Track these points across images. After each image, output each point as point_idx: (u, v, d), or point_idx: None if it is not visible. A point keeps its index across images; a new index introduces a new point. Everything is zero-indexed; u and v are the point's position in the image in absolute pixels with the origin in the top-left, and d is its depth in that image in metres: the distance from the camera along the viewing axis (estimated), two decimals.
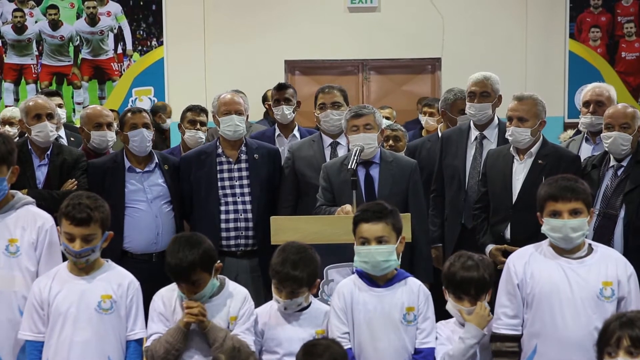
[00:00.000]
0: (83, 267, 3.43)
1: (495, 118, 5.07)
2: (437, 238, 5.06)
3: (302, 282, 3.47)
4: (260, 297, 4.51)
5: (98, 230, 3.39)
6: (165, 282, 3.69)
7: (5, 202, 3.60)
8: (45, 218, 3.67)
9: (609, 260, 3.36)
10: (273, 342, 3.55)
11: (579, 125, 5.92)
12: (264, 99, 7.87)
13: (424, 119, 7.01)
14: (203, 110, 5.85)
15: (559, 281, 3.31)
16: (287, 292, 3.48)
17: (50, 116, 4.88)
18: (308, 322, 3.55)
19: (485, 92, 4.99)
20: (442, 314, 3.65)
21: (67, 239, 3.38)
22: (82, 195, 3.46)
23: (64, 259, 3.56)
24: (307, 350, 3.29)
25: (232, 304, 3.51)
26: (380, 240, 3.43)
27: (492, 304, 3.54)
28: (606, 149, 4.51)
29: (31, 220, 3.62)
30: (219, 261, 3.54)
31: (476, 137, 5.03)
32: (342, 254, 3.88)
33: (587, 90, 5.17)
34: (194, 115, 5.80)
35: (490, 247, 4.59)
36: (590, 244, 3.42)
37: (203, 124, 5.81)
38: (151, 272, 4.50)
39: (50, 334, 3.40)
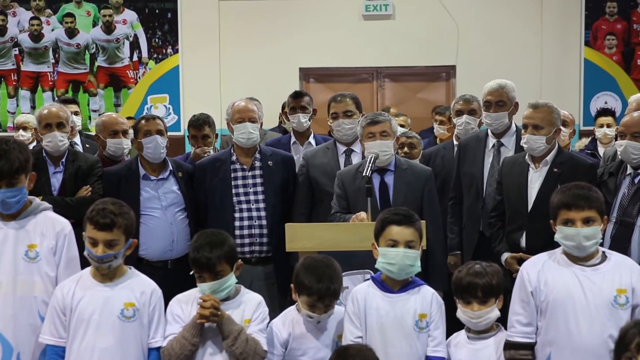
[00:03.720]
0: (106, 273, 3.45)
1: (513, 125, 5.05)
2: (456, 245, 5.04)
3: (338, 293, 3.55)
4: (275, 303, 4.51)
5: (121, 236, 3.41)
6: (181, 288, 3.70)
7: (24, 208, 3.61)
8: (63, 223, 3.69)
9: (622, 268, 3.35)
10: (299, 352, 3.57)
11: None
12: (284, 107, 7.86)
13: (436, 127, 6.98)
14: (206, 123, 5.64)
15: (573, 289, 3.29)
16: (325, 307, 3.52)
17: (60, 125, 4.87)
18: (329, 329, 3.59)
19: (501, 101, 4.97)
20: (454, 324, 3.67)
21: (90, 243, 3.40)
22: (107, 201, 3.49)
23: (82, 264, 3.59)
24: (340, 353, 3.35)
25: (247, 308, 3.54)
26: (409, 245, 3.45)
27: (505, 312, 3.53)
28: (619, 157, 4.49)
29: (50, 226, 3.64)
30: (240, 260, 3.60)
31: (494, 145, 5.01)
32: (354, 261, 3.88)
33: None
34: (195, 131, 5.64)
35: (505, 256, 4.56)
36: (604, 252, 3.41)
37: (206, 137, 5.62)
38: (167, 279, 4.49)
39: (73, 340, 3.42)
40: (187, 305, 3.54)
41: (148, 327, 3.49)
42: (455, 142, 5.46)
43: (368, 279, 3.66)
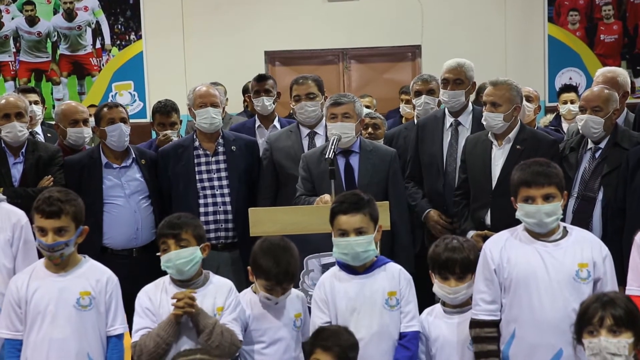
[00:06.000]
0: (58, 262, 3.40)
1: (470, 105, 5.06)
2: (426, 205, 4.99)
3: (295, 277, 3.59)
4: (243, 288, 4.48)
5: (71, 223, 3.36)
6: (146, 277, 3.68)
7: None
8: (19, 215, 3.66)
9: (583, 242, 3.36)
10: (258, 332, 3.57)
11: None
12: (245, 90, 7.82)
13: (402, 106, 7.01)
14: (172, 109, 5.56)
15: (536, 265, 3.30)
16: (282, 290, 3.52)
17: (19, 115, 4.79)
18: (287, 308, 3.60)
19: (458, 80, 4.97)
20: (426, 302, 3.68)
21: (40, 233, 3.36)
22: (53, 190, 3.46)
23: (40, 255, 3.54)
24: (315, 335, 3.38)
25: (218, 295, 3.52)
26: (359, 232, 3.44)
27: None
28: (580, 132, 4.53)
29: (5, 218, 3.62)
30: (208, 243, 3.60)
31: (451, 124, 5.02)
32: (321, 243, 3.86)
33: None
34: (162, 118, 5.54)
35: (471, 233, 4.58)
36: (565, 227, 3.42)
37: (173, 123, 5.55)
38: (132, 268, 4.51)
39: (29, 332, 3.39)
40: (155, 295, 3.51)
41: (105, 315, 3.47)
42: (416, 123, 5.46)
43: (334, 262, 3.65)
